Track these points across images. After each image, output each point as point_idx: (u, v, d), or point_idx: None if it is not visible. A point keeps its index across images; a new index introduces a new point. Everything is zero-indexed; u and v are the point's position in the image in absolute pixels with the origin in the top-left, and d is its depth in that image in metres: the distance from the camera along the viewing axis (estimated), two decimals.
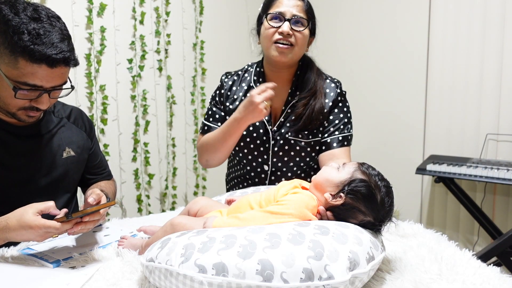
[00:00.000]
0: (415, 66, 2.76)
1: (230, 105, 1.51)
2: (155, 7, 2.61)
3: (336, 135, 1.45)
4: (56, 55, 1.02)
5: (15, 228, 1.00)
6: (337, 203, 0.99)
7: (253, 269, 0.77)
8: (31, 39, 1.00)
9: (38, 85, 1.04)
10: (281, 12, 1.38)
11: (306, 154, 1.48)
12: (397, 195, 1.03)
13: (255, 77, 1.51)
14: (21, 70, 1.01)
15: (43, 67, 1.02)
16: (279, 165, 1.49)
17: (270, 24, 1.39)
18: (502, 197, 2.52)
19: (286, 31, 1.37)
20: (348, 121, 1.48)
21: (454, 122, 2.60)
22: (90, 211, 1.01)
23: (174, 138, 2.80)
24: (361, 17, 2.97)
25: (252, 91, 1.30)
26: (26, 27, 1.00)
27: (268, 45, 1.40)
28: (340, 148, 1.44)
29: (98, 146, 1.48)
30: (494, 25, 2.39)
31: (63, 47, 1.04)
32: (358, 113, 2.76)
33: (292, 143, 1.46)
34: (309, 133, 1.46)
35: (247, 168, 1.54)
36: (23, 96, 1.06)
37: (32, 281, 0.93)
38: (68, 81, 1.12)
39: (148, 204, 2.71)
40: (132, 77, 2.52)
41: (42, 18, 1.03)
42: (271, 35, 1.39)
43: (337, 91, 1.47)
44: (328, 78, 1.51)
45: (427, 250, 1.08)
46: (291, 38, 1.38)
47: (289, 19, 1.37)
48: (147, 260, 0.88)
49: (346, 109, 1.49)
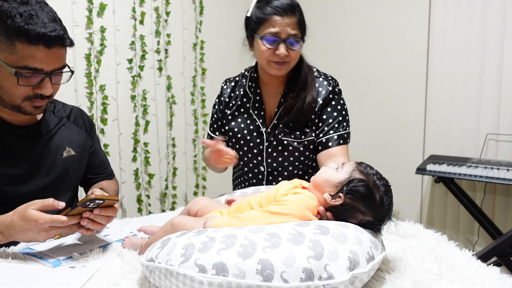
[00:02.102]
0: (415, 65, 2.76)
1: (228, 110, 1.55)
2: (155, 7, 2.61)
3: (331, 134, 1.45)
4: (51, 33, 1.04)
5: (19, 224, 1.00)
6: (337, 203, 1.00)
7: (253, 269, 0.77)
8: (24, 20, 1.01)
9: (39, 68, 1.06)
10: (277, 32, 1.36)
11: (300, 154, 1.49)
12: (397, 195, 1.03)
13: (249, 82, 1.53)
14: (19, 54, 1.03)
15: (41, 48, 1.04)
16: (274, 166, 1.51)
17: (266, 46, 1.37)
18: (502, 197, 2.52)
19: (283, 53, 1.36)
20: (343, 119, 1.47)
21: (454, 122, 2.60)
22: (94, 197, 1.00)
23: (174, 138, 2.81)
24: (361, 17, 2.97)
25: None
26: (17, 10, 1.02)
27: (263, 62, 1.41)
28: (337, 147, 1.44)
29: (99, 145, 1.48)
30: (494, 24, 2.39)
31: (56, 26, 1.06)
32: (358, 113, 2.76)
33: (285, 144, 1.48)
34: (301, 133, 1.47)
35: (245, 169, 1.58)
36: (26, 82, 1.07)
37: (32, 281, 0.93)
38: (67, 67, 1.14)
39: (148, 204, 2.71)
40: (132, 77, 2.52)
41: (31, 2, 1.06)
42: (267, 56, 1.38)
43: (328, 89, 1.46)
44: (321, 76, 1.50)
45: (427, 250, 1.08)
46: (287, 58, 1.38)
47: (284, 39, 1.36)
48: (147, 260, 0.88)
49: (340, 107, 1.48)
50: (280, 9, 1.35)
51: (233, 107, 1.53)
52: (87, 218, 1.04)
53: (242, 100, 1.53)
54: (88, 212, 1.04)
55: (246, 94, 1.53)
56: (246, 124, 1.51)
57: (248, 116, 1.52)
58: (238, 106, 1.53)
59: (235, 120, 1.53)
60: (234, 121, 1.53)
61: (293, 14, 1.37)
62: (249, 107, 1.52)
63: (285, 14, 1.35)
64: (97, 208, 1.04)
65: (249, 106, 1.52)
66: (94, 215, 1.04)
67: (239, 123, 1.52)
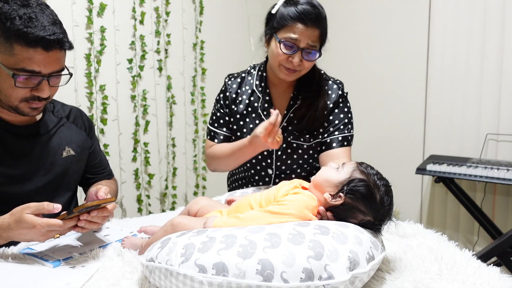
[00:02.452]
0: (415, 65, 2.76)
1: (235, 107, 1.50)
2: (155, 7, 2.61)
3: (336, 135, 1.45)
4: (50, 37, 1.03)
5: (16, 228, 1.00)
6: (337, 203, 1.00)
7: (253, 269, 0.77)
8: (23, 23, 1.01)
9: (36, 70, 1.05)
10: (296, 39, 1.30)
11: (308, 156, 1.49)
12: (397, 195, 1.03)
13: (257, 81, 1.49)
14: (17, 56, 1.02)
15: (39, 51, 1.03)
16: (283, 168, 1.50)
17: (281, 50, 1.32)
18: (502, 197, 2.52)
19: (296, 62, 1.32)
20: (349, 121, 1.47)
21: (454, 122, 2.60)
22: (91, 205, 1.01)
23: (174, 138, 2.81)
24: (361, 17, 2.97)
25: (257, 129, 1.26)
26: (17, 12, 1.02)
27: (275, 64, 1.37)
28: (340, 148, 1.44)
29: (98, 145, 1.48)
30: (494, 25, 2.39)
31: (56, 29, 1.05)
32: (358, 113, 2.75)
33: (295, 147, 1.47)
34: (311, 136, 1.46)
35: (251, 171, 1.54)
36: (23, 84, 1.07)
37: (32, 281, 0.93)
38: (66, 69, 1.13)
39: (148, 204, 2.71)
40: (132, 77, 2.52)
41: (32, 4, 1.05)
42: (280, 59, 1.34)
43: (338, 93, 1.47)
44: (330, 79, 1.50)
45: (427, 250, 1.08)
46: (299, 67, 1.35)
47: (302, 48, 1.31)
48: (147, 260, 0.88)
49: (347, 109, 1.49)
50: (306, 17, 1.29)
51: (240, 105, 1.49)
52: (84, 219, 1.04)
53: (250, 99, 1.49)
54: (86, 214, 1.04)
55: (253, 93, 1.49)
56: (255, 125, 1.46)
57: (256, 116, 1.48)
58: (246, 105, 1.48)
59: (243, 119, 1.49)
60: (242, 120, 1.49)
61: (317, 27, 1.32)
62: (257, 107, 1.48)
63: (309, 24, 1.30)
64: (94, 210, 1.04)
65: (257, 105, 1.48)
66: (91, 216, 1.04)
67: (248, 124, 1.48)
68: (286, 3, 1.34)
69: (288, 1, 1.34)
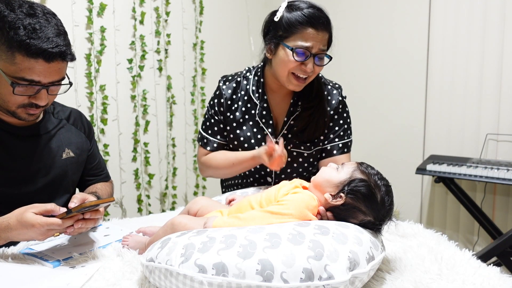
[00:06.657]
0: (415, 66, 2.75)
1: (231, 114, 1.45)
2: (155, 7, 2.61)
3: (336, 142, 1.44)
4: (52, 49, 1.03)
5: (16, 227, 1.00)
6: (337, 203, 1.00)
7: (253, 269, 0.77)
8: (27, 34, 1.00)
9: (36, 80, 1.05)
10: (308, 47, 1.26)
11: (308, 164, 1.47)
12: (397, 195, 1.03)
13: (253, 87, 1.44)
14: (18, 65, 1.02)
15: (40, 62, 1.03)
16: (282, 177, 1.48)
17: (294, 59, 1.27)
18: (502, 197, 2.52)
19: (310, 68, 1.28)
20: (348, 127, 1.47)
21: (454, 122, 2.60)
22: (89, 205, 1.01)
23: (174, 138, 2.80)
24: (361, 18, 2.97)
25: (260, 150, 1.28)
26: (21, 22, 1.01)
27: (283, 74, 1.31)
28: (340, 155, 1.43)
29: (96, 148, 1.48)
30: (494, 25, 2.39)
31: (59, 42, 1.05)
32: (358, 114, 2.76)
33: (295, 155, 1.45)
34: (311, 144, 1.44)
35: (250, 179, 1.52)
36: (21, 92, 1.07)
37: (32, 281, 0.93)
38: (66, 78, 1.13)
39: (148, 204, 2.71)
40: (132, 77, 2.52)
41: (38, 14, 1.04)
42: (291, 67, 1.29)
43: (338, 99, 1.44)
44: (329, 84, 1.47)
45: (427, 250, 1.08)
46: (312, 73, 1.31)
47: (314, 54, 1.28)
48: (147, 260, 0.88)
49: (346, 114, 1.47)
50: (317, 22, 1.26)
51: (236, 112, 1.44)
52: (80, 220, 1.04)
53: (246, 106, 1.44)
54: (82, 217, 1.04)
55: (250, 100, 1.44)
56: (253, 133, 1.43)
57: (254, 124, 1.43)
58: (242, 113, 1.44)
59: (239, 128, 1.44)
60: (238, 128, 1.44)
61: (327, 30, 1.29)
62: (255, 114, 1.43)
63: (320, 28, 1.27)
64: (88, 212, 1.04)
65: (255, 113, 1.43)
66: (84, 220, 1.05)
67: (245, 132, 1.44)
68: (289, 9, 1.29)
69: (291, 7, 1.29)
